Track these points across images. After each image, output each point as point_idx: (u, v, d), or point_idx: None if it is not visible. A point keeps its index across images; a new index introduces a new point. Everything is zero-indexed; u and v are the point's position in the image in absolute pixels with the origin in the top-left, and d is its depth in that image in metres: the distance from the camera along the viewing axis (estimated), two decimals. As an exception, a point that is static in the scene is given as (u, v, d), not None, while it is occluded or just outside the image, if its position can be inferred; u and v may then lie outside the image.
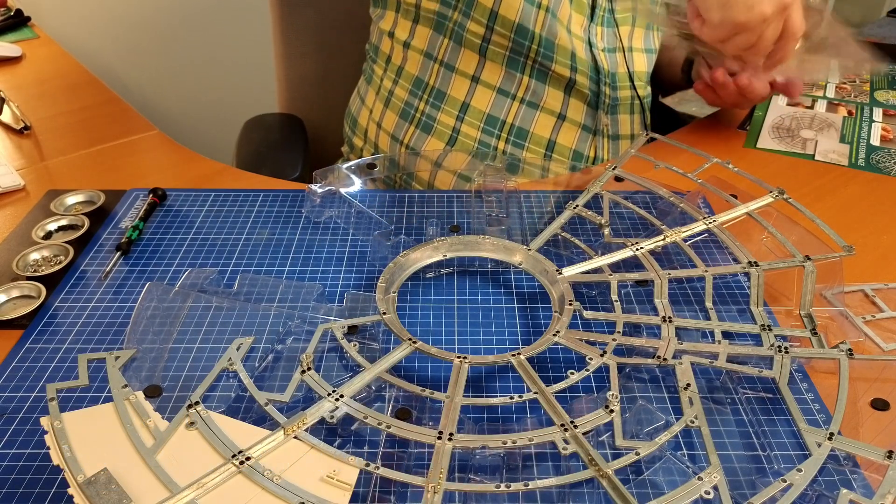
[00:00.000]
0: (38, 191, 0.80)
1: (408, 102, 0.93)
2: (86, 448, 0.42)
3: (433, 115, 0.91)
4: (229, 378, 0.53)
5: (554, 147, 0.90)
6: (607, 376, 0.51)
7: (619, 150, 0.95)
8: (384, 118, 0.96)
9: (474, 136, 0.90)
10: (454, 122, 0.90)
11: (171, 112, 1.80)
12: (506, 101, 0.88)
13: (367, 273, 0.66)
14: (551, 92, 0.88)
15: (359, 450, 0.49)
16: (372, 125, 0.98)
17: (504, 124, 0.89)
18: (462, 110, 0.90)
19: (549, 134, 0.89)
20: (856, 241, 0.66)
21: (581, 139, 0.90)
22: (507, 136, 0.89)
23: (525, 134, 0.89)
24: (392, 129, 0.95)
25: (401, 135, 0.94)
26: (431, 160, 0.90)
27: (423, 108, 0.92)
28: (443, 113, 0.91)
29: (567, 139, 0.90)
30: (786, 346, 0.54)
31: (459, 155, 0.90)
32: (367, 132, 0.99)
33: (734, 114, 0.95)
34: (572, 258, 0.66)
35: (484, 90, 0.88)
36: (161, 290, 0.60)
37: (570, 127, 0.89)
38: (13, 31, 1.28)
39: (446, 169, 0.91)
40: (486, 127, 0.89)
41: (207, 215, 0.75)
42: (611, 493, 0.42)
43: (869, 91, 1.04)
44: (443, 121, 0.91)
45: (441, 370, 0.56)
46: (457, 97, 0.90)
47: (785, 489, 0.43)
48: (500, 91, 0.88)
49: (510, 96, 0.88)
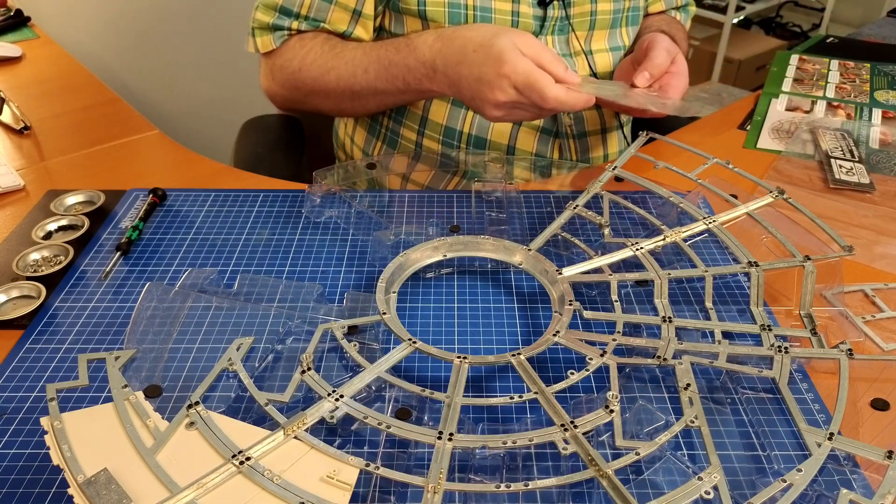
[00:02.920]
0: (38, 191, 0.80)
1: (374, 118, 0.94)
2: (86, 448, 0.42)
3: (396, 129, 0.92)
4: (229, 378, 0.53)
5: (514, 152, 0.90)
6: (607, 376, 0.51)
7: (588, 147, 0.94)
8: (356, 133, 0.98)
9: (436, 148, 0.90)
10: (416, 136, 0.91)
11: (171, 112, 1.80)
12: (461, 111, 0.88)
13: (367, 273, 0.66)
14: None
15: (359, 450, 0.49)
16: (347, 140, 1.00)
17: (462, 134, 0.89)
18: (422, 124, 0.90)
19: (506, 140, 0.89)
20: (856, 242, 0.66)
21: (541, 142, 0.90)
22: (465, 146, 0.89)
23: (483, 142, 0.89)
24: (363, 144, 0.97)
25: (370, 149, 0.95)
26: (399, 174, 0.91)
27: (388, 124, 0.93)
28: (405, 128, 0.91)
29: (526, 143, 0.90)
30: (786, 346, 0.54)
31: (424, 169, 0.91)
32: (345, 146, 1.01)
33: None
34: (572, 258, 0.66)
35: (439, 102, 0.88)
36: (161, 290, 0.60)
37: (527, 131, 0.89)
38: (13, 31, 1.28)
39: (414, 182, 0.92)
40: (445, 139, 0.89)
41: (207, 215, 0.75)
42: (611, 493, 0.42)
43: (869, 91, 1.04)
44: (405, 135, 0.92)
45: (441, 370, 0.56)
46: (415, 111, 0.90)
47: (785, 489, 0.43)
48: (455, 102, 0.88)
49: (464, 106, 0.87)
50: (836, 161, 0.84)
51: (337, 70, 0.82)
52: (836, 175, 0.81)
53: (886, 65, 1.13)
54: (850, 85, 1.06)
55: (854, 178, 0.81)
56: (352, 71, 0.81)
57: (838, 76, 1.09)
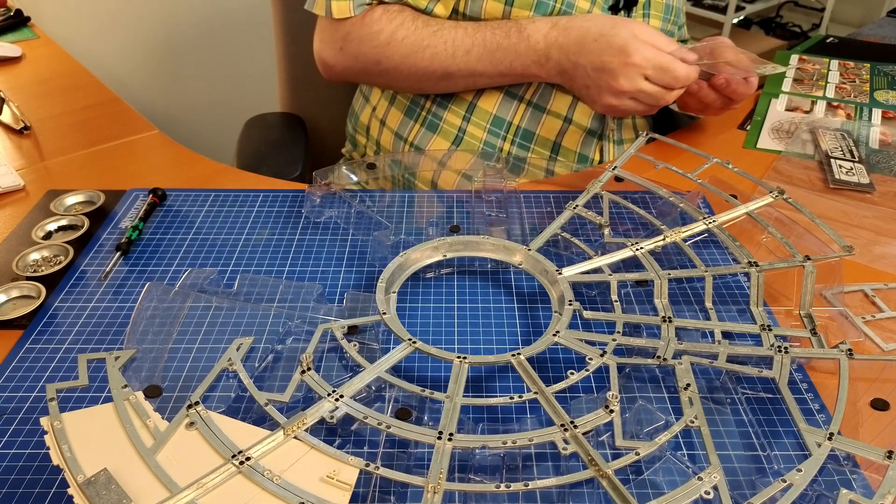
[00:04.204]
0: (37, 191, 0.80)
1: (414, 101, 0.93)
2: (86, 448, 0.42)
3: (440, 114, 0.91)
4: (229, 378, 0.53)
5: (559, 150, 0.89)
6: (607, 376, 0.51)
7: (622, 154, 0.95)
8: (388, 115, 0.96)
9: (480, 136, 0.90)
10: (461, 121, 0.90)
11: (171, 112, 1.80)
12: (513, 102, 0.88)
13: (367, 273, 0.66)
14: (559, 95, 0.87)
15: (359, 450, 0.49)
16: (375, 122, 0.98)
17: (510, 126, 0.89)
18: (469, 110, 0.89)
19: (554, 136, 0.89)
20: (855, 242, 0.66)
21: (585, 143, 0.90)
22: (513, 137, 0.89)
23: (531, 136, 0.89)
24: (396, 126, 0.95)
25: (405, 133, 0.94)
26: (436, 159, 0.90)
27: (430, 107, 0.92)
28: (449, 112, 0.90)
29: (572, 142, 0.90)
30: (786, 347, 0.54)
31: (464, 155, 0.90)
32: (370, 129, 0.99)
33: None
34: (572, 258, 0.66)
35: (492, 91, 0.88)
36: (161, 290, 0.60)
37: (575, 130, 0.89)
38: (13, 31, 1.28)
39: (450, 168, 0.91)
40: (492, 128, 0.89)
41: (207, 215, 0.75)
42: (611, 493, 0.42)
43: (869, 91, 1.04)
44: (449, 120, 0.91)
45: (441, 370, 0.56)
46: (464, 97, 0.89)
47: (785, 489, 0.43)
48: (508, 93, 0.88)
49: (517, 98, 0.88)
50: (836, 161, 0.84)
51: (433, 48, 0.81)
52: (836, 175, 0.81)
53: (886, 65, 1.13)
54: (850, 85, 1.06)
55: (854, 178, 0.81)
56: (451, 51, 0.81)
57: (838, 76, 1.09)
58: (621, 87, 0.74)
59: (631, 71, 0.73)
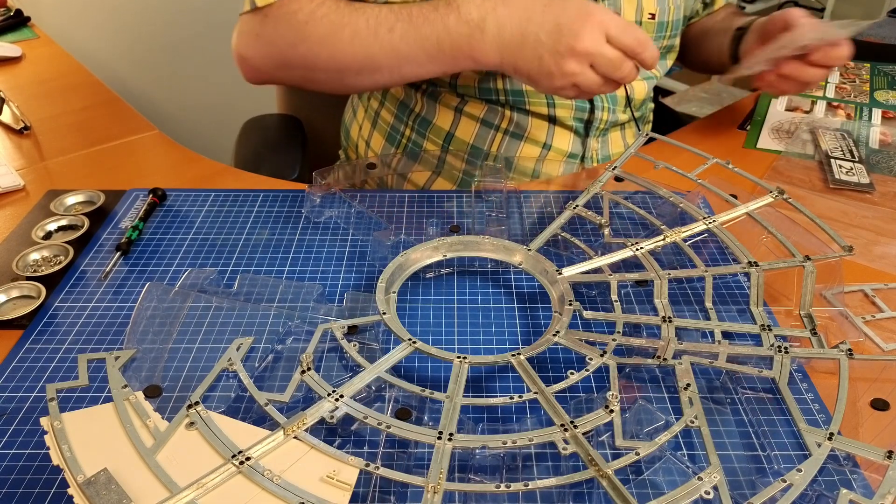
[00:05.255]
0: (37, 191, 0.80)
1: (394, 126, 0.92)
2: (86, 448, 0.42)
3: (419, 142, 0.90)
4: (229, 378, 0.53)
5: (539, 176, 0.89)
6: (607, 376, 0.51)
7: None
8: (372, 138, 0.96)
9: (459, 166, 0.89)
10: (440, 151, 0.89)
11: (171, 112, 1.80)
12: (489, 131, 0.87)
13: (367, 273, 0.66)
14: (535, 122, 0.86)
15: (359, 450, 0.49)
16: (361, 142, 0.98)
17: (489, 156, 0.87)
18: (447, 140, 0.88)
19: (533, 164, 0.88)
20: (855, 242, 0.66)
21: (567, 166, 0.90)
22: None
23: (510, 164, 0.88)
24: (380, 150, 0.95)
25: (389, 159, 0.93)
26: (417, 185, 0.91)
27: (409, 135, 0.91)
28: (428, 141, 0.90)
29: (553, 168, 0.89)
30: (786, 347, 0.54)
31: (444, 184, 0.90)
32: (358, 148, 0.99)
33: None
34: (572, 258, 0.66)
35: (468, 121, 0.87)
36: (161, 290, 0.60)
37: (555, 156, 0.88)
38: (13, 31, 1.28)
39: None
40: (470, 158, 0.88)
41: (207, 215, 0.75)
42: (611, 494, 0.42)
43: (869, 91, 1.04)
44: (429, 149, 0.90)
45: (441, 370, 0.56)
46: (442, 127, 0.88)
47: (785, 489, 0.43)
48: (484, 122, 0.86)
49: (494, 127, 0.86)
50: (836, 161, 0.84)
51: (354, 26, 0.72)
52: (836, 175, 0.81)
53: (886, 65, 1.13)
54: (850, 85, 1.06)
55: (854, 178, 0.81)
56: (373, 29, 0.72)
57: (838, 76, 1.09)
58: (584, 46, 0.65)
59: (594, 28, 0.65)
